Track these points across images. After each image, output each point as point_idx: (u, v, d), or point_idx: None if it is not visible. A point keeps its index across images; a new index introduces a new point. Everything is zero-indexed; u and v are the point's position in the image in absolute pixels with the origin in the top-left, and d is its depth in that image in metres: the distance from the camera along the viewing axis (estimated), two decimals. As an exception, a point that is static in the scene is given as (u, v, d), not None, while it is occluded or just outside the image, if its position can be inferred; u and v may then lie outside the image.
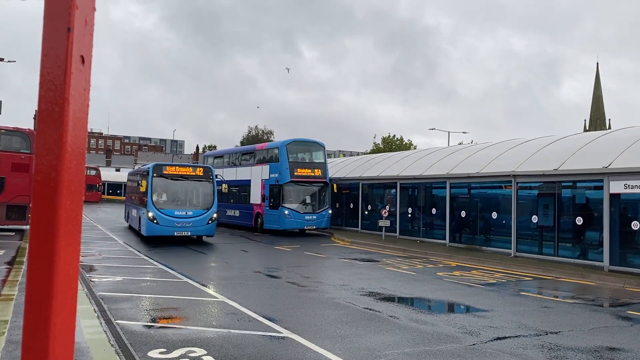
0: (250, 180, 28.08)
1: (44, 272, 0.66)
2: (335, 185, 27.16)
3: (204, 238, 22.26)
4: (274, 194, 25.53)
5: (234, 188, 29.98)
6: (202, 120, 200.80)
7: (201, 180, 21.52)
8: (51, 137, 0.66)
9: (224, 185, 29.50)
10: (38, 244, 0.66)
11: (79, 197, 0.68)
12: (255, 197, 27.43)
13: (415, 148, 66.32)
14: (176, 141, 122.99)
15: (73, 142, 0.67)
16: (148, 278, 12.41)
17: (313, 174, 26.11)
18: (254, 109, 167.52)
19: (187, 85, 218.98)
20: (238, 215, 29.34)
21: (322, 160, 26.97)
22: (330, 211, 26.57)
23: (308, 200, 25.96)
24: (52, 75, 0.67)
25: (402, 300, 10.92)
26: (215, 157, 34.41)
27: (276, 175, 25.66)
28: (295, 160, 26.09)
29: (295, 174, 25.42)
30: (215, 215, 21.24)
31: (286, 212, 24.97)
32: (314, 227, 25.94)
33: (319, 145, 27.50)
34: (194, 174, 21.52)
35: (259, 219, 26.89)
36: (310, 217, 25.54)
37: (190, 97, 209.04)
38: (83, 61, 0.69)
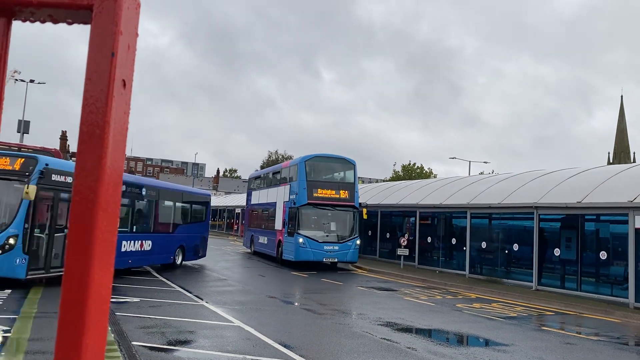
0: (275, 202, 24.72)
1: (77, 293, 0.66)
2: (365, 211, 23.14)
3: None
4: (291, 218, 22.03)
5: (264, 212, 26.89)
6: (220, 142, 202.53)
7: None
8: (91, 158, 0.67)
9: (259, 210, 27.86)
10: (73, 264, 0.66)
11: (115, 219, 0.69)
12: (279, 222, 23.96)
13: (435, 176, 65.98)
14: (197, 164, 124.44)
15: (112, 163, 0.68)
16: (164, 300, 12.41)
17: (337, 196, 22.34)
18: (273, 131, 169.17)
19: (204, 104, 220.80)
20: (266, 242, 25.93)
21: (351, 181, 23.02)
22: (358, 241, 22.44)
23: (330, 227, 22.23)
24: (95, 98, 0.68)
25: (420, 331, 10.73)
26: (256, 179, 31.46)
27: (294, 196, 22.15)
28: (316, 179, 22.49)
29: (315, 195, 21.85)
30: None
31: (300, 240, 21.28)
32: (336, 260, 22.00)
33: (347, 163, 23.48)
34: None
35: (280, 248, 23.53)
36: (331, 247, 21.73)
37: (208, 117, 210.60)
38: (124, 85, 0.71)
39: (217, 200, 66.54)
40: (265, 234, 26.06)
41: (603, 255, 15.98)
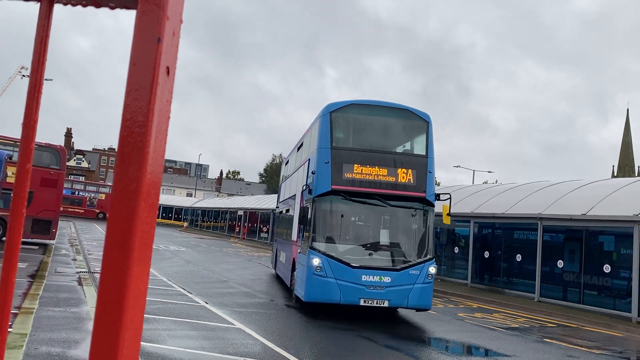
0: (295, 195, 15.53)
1: (116, 287, 0.64)
2: (448, 210, 12.92)
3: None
4: (303, 219, 12.49)
5: (286, 212, 18.27)
6: (220, 140, 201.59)
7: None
8: (133, 144, 0.65)
9: (283, 209, 19.62)
10: (112, 262, 0.64)
11: (155, 209, 0.67)
12: (294, 227, 14.70)
13: (438, 185, 65.86)
14: (201, 165, 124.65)
15: (154, 151, 0.66)
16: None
17: (392, 180, 12.05)
18: (274, 131, 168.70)
19: (203, 99, 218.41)
20: (284, 262, 16.47)
21: (422, 152, 12.59)
22: (433, 269, 11.98)
23: (376, 239, 12.12)
24: (139, 85, 0.66)
25: (421, 340, 10.66)
26: (287, 163, 21.59)
27: (310, 179, 12.54)
28: (350, 147, 12.44)
29: (347, 176, 11.88)
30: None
31: (315, 261, 11.44)
32: (386, 304, 11.41)
33: (414, 118, 12.85)
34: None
35: (293, 273, 14.02)
36: (378, 278, 11.40)
37: (207, 113, 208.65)
38: (168, 72, 0.68)
39: (220, 202, 66.63)
40: (284, 248, 16.92)
41: (607, 268, 15.90)
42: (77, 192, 59.64)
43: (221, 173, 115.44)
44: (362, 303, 11.27)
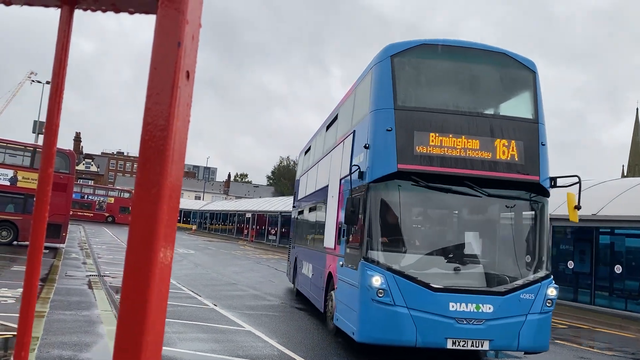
0: (327, 187, 11.64)
1: (138, 296, 0.64)
2: (574, 199, 8.16)
3: None
4: (351, 215, 8.01)
5: (310, 211, 14.12)
6: (225, 142, 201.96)
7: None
8: (155, 148, 0.66)
9: (305, 208, 15.16)
10: (135, 265, 0.65)
11: (176, 212, 0.67)
12: (329, 229, 10.77)
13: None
14: (209, 168, 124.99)
15: (175, 154, 0.66)
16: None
17: (487, 157, 7.98)
18: (282, 133, 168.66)
19: (207, 100, 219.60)
20: (310, 276, 12.86)
21: (529, 114, 8.48)
22: (553, 291, 7.85)
23: (465, 248, 8.38)
24: (160, 89, 0.66)
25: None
26: (306, 152, 16.93)
27: (362, 158, 8.49)
28: (422, 107, 8.31)
29: (419, 150, 7.85)
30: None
31: (376, 280, 7.48)
32: (486, 346, 7.53)
33: (516, 66, 8.75)
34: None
35: (329, 293, 10.29)
36: (473, 306, 7.43)
37: (211, 113, 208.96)
38: (188, 76, 0.69)
39: (228, 205, 66.83)
40: (310, 258, 13.10)
41: (618, 269, 15.78)
42: (86, 196, 60.01)
43: (229, 176, 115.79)
44: (449, 345, 7.34)
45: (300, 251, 14.91)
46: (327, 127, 13.06)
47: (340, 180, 9.54)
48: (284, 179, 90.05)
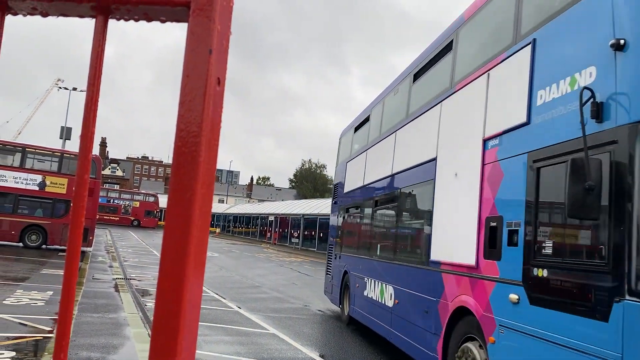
0: (434, 161, 7.10)
1: (172, 298, 0.65)
2: None
3: None
4: (583, 199, 3.64)
5: (383, 205, 9.79)
6: (249, 145, 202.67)
7: None
8: (187, 154, 0.67)
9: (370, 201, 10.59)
10: (169, 269, 0.66)
11: (208, 217, 0.69)
12: (452, 231, 6.28)
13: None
14: (232, 172, 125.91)
15: (207, 160, 0.67)
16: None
17: None
18: (303, 135, 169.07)
19: (229, 103, 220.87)
20: (394, 306, 8.24)
21: None
22: None
23: None
24: (192, 95, 0.68)
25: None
26: (357, 129, 12.80)
27: (586, 79, 3.97)
28: None
29: None
30: None
31: None
32: None
33: None
34: None
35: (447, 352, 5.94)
36: None
37: (235, 118, 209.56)
38: (219, 83, 0.70)
39: (251, 208, 67.25)
40: (385, 276, 9.04)
41: None
42: (112, 200, 61.00)
43: (252, 179, 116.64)
44: None
45: (358, 263, 10.98)
46: (416, 75, 8.88)
47: (486, 141, 5.72)
48: (305, 182, 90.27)
